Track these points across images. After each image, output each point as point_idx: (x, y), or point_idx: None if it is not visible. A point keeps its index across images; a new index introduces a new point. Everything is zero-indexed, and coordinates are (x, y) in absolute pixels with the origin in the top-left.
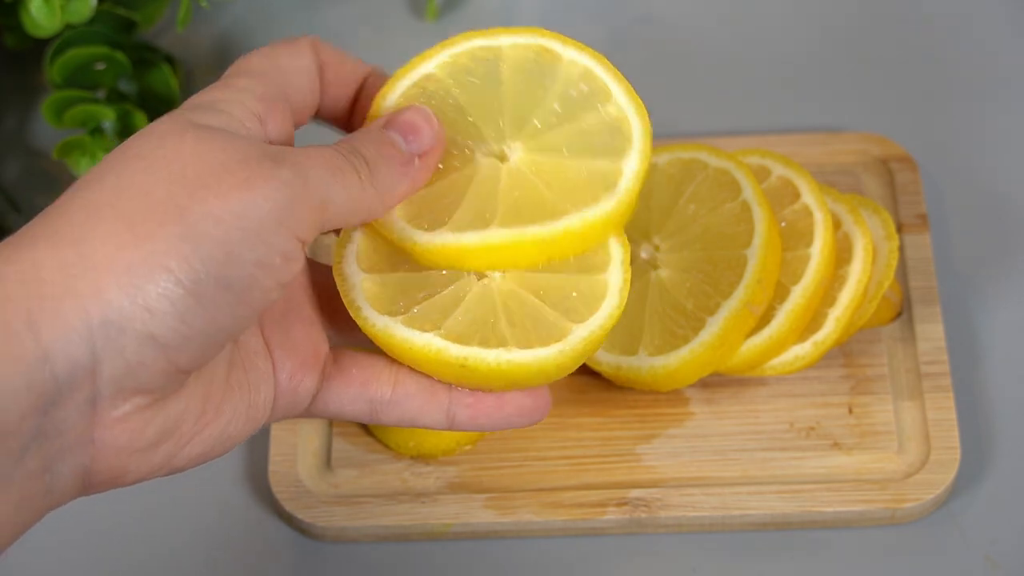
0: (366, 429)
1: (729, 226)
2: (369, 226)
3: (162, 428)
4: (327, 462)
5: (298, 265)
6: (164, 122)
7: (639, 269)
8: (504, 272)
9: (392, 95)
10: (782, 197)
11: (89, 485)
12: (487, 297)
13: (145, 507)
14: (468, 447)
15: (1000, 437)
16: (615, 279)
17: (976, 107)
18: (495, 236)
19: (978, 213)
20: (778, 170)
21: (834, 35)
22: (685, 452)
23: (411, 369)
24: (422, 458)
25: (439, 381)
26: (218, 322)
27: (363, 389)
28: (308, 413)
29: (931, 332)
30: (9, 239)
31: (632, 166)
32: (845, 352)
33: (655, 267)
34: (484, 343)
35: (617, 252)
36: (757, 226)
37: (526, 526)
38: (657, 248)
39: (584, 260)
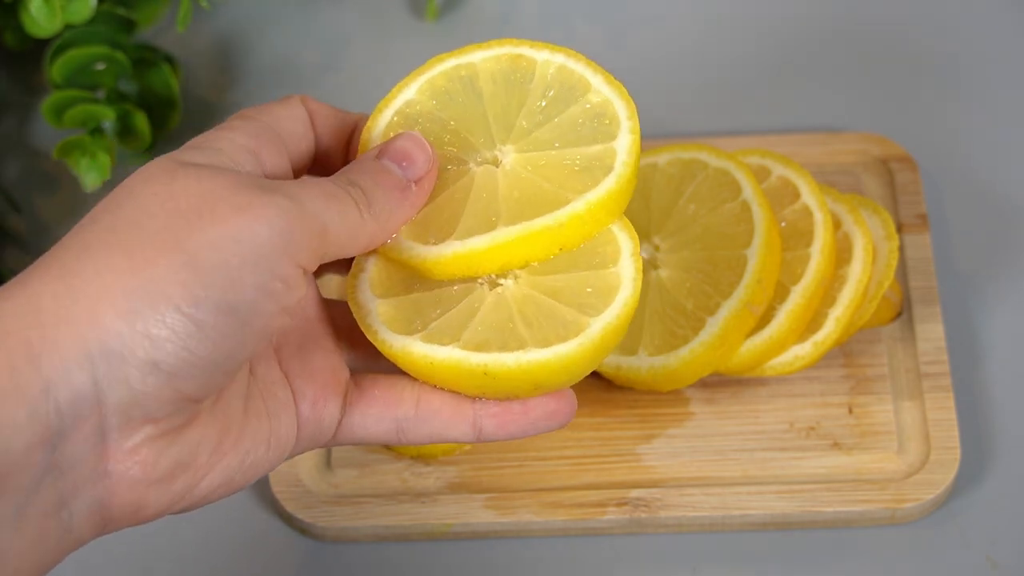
0: None
1: (729, 226)
2: (380, 253)
3: (177, 459)
4: (327, 462)
5: (300, 291)
6: (152, 164)
7: None
8: (516, 278)
9: (377, 127)
10: (782, 197)
11: (108, 521)
12: (502, 305)
13: None
14: (468, 447)
15: (1000, 437)
16: (627, 270)
17: (976, 107)
18: (503, 235)
19: (978, 213)
20: (778, 170)
21: (834, 35)
22: (685, 452)
23: (434, 385)
24: (422, 458)
25: (463, 395)
26: (223, 349)
27: (387, 409)
28: (335, 441)
29: (931, 332)
30: (7, 283)
31: (624, 143)
32: (845, 352)
33: (655, 267)
34: (503, 347)
35: (626, 244)
36: (757, 226)
37: (526, 526)
38: (657, 248)
39: (594, 256)
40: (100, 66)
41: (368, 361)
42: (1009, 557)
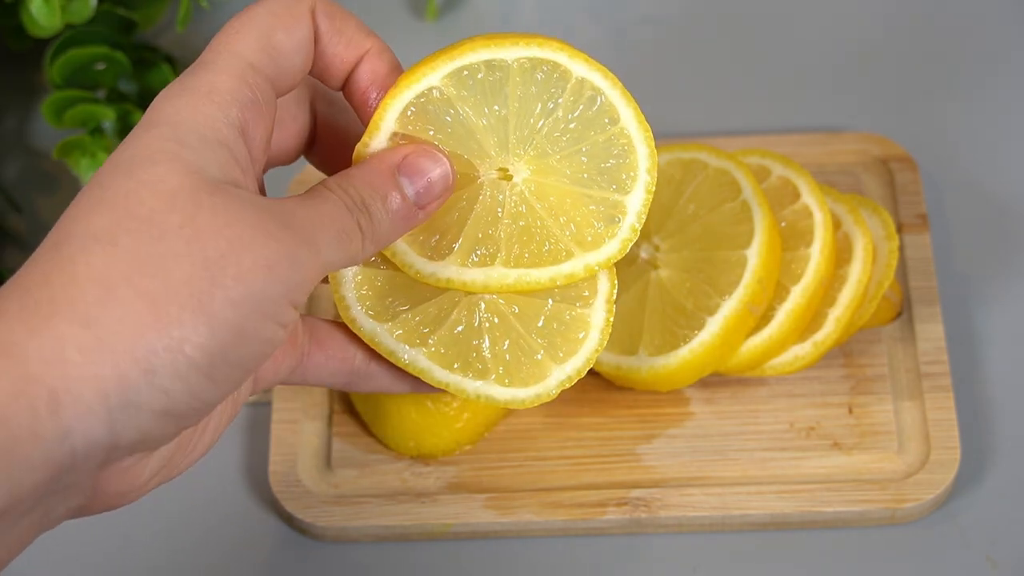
0: (366, 429)
1: (729, 226)
2: None
3: (156, 468)
4: (327, 462)
5: (291, 329)
6: (167, 169)
7: (639, 269)
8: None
9: (396, 106)
10: (782, 197)
11: (81, 515)
12: (473, 314)
13: (145, 507)
14: (468, 447)
15: (1000, 437)
16: (598, 318)
17: (976, 107)
18: (499, 276)
19: (978, 213)
20: (778, 170)
21: (834, 35)
22: (685, 452)
23: None
24: (422, 458)
25: None
26: (226, 392)
27: (340, 364)
28: (284, 383)
29: (931, 332)
30: (16, 288)
31: (635, 204)
32: (845, 352)
33: (655, 267)
34: (466, 368)
35: (604, 287)
36: (757, 226)
37: (526, 526)
38: (657, 248)
39: (571, 288)
40: (100, 66)
41: None
42: (1009, 557)
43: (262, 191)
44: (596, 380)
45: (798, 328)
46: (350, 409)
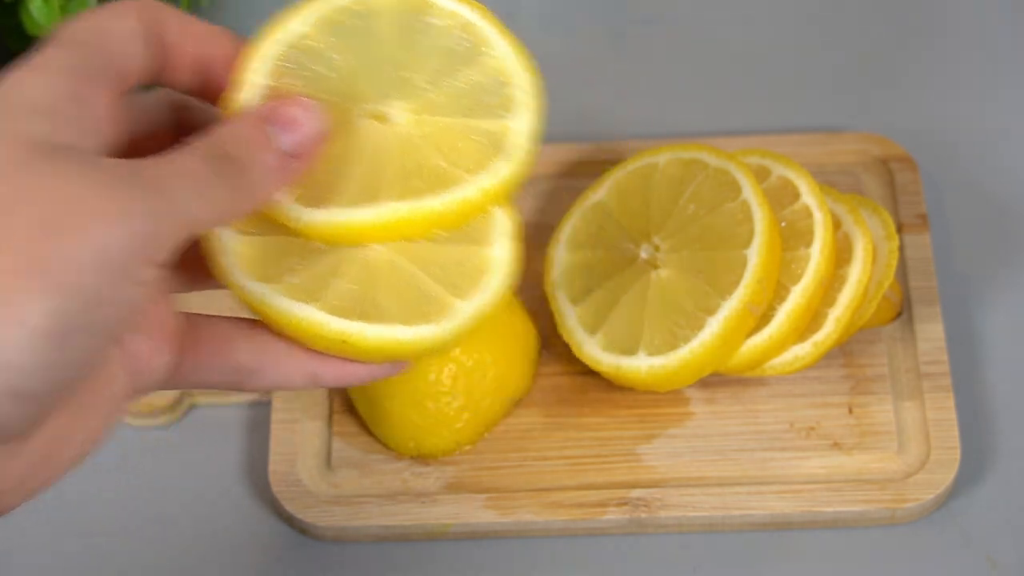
0: (366, 429)
1: (729, 226)
2: None
3: (26, 469)
4: (327, 462)
5: (153, 287)
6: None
7: (639, 269)
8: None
9: (258, 57)
10: (782, 197)
11: None
12: (367, 267)
13: (144, 507)
14: (468, 447)
15: (1000, 437)
16: (502, 254)
17: (976, 107)
18: (389, 211)
19: (978, 213)
20: (778, 170)
21: (834, 35)
22: (685, 452)
23: (272, 333)
24: (422, 458)
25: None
26: (84, 364)
27: (224, 360)
28: (170, 386)
29: (931, 332)
30: None
31: (522, 126)
32: (845, 352)
33: (655, 267)
34: (364, 317)
35: (503, 223)
36: (757, 226)
37: (526, 526)
38: (657, 248)
39: (469, 230)
40: None
41: (198, 284)
42: (1009, 557)
43: None
44: (596, 380)
45: (798, 328)
46: (350, 409)
